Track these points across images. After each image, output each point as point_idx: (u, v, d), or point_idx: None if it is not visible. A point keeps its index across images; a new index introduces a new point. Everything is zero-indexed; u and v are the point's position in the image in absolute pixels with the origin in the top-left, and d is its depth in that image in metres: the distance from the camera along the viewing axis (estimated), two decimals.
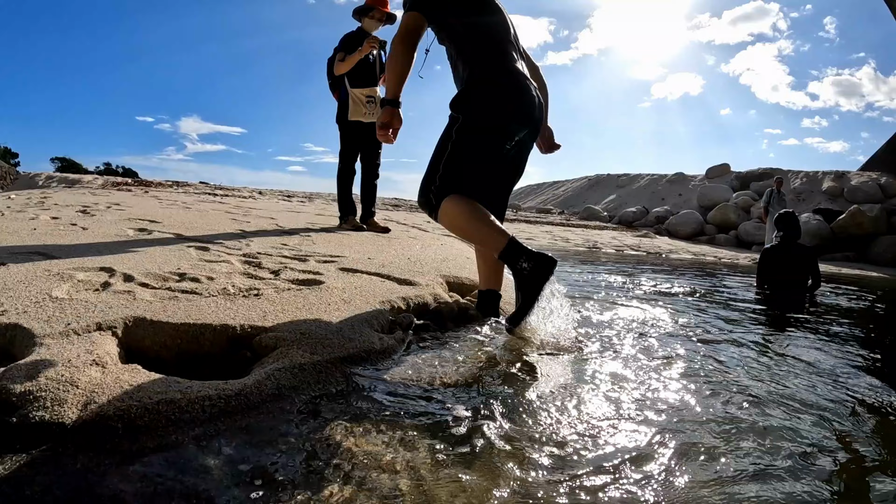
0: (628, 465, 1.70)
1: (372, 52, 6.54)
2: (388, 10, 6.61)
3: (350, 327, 2.58)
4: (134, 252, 3.71)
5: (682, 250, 15.24)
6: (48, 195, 10.35)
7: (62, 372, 1.80)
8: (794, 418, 2.18)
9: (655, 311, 4.21)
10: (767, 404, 2.31)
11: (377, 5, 6.57)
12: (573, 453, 1.75)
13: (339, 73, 6.51)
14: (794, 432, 2.04)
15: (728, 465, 1.74)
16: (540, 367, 2.57)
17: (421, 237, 6.32)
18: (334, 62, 6.58)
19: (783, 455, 1.84)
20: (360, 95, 6.50)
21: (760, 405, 2.29)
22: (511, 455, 1.71)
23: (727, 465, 1.74)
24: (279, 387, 1.99)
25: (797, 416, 2.21)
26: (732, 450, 1.85)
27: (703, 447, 1.84)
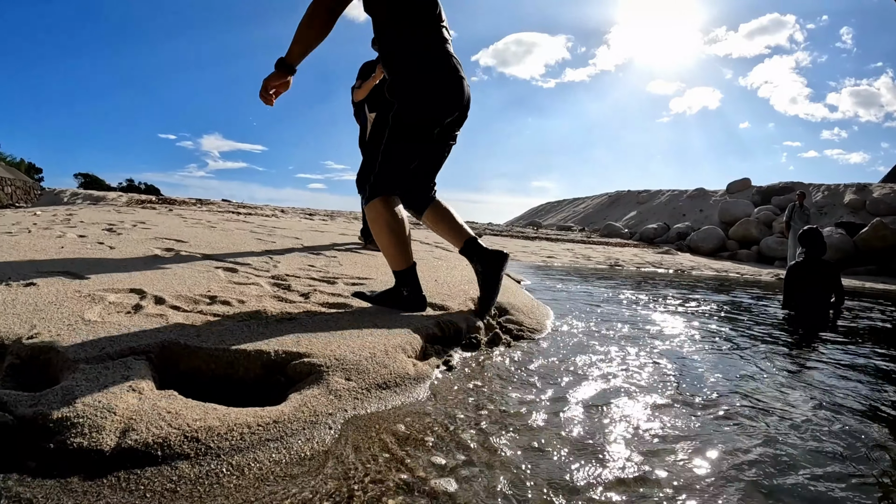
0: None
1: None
2: None
3: (384, 353, 2.57)
4: (163, 273, 3.73)
5: (703, 267, 15.14)
6: (73, 212, 10.46)
7: (99, 398, 1.80)
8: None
9: (680, 329, 4.16)
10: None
11: None
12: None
13: (357, 100, 6.67)
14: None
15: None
16: (574, 395, 2.55)
17: (446, 258, 6.32)
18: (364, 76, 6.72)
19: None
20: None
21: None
22: None
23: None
24: (316, 413, 1.98)
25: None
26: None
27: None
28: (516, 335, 3.66)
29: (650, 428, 2.18)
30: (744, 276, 13.07)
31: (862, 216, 24.00)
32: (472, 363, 2.95)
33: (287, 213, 21.13)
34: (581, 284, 7.66)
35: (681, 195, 35.15)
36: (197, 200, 23.01)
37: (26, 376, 2.11)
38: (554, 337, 3.75)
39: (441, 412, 2.19)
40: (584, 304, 5.41)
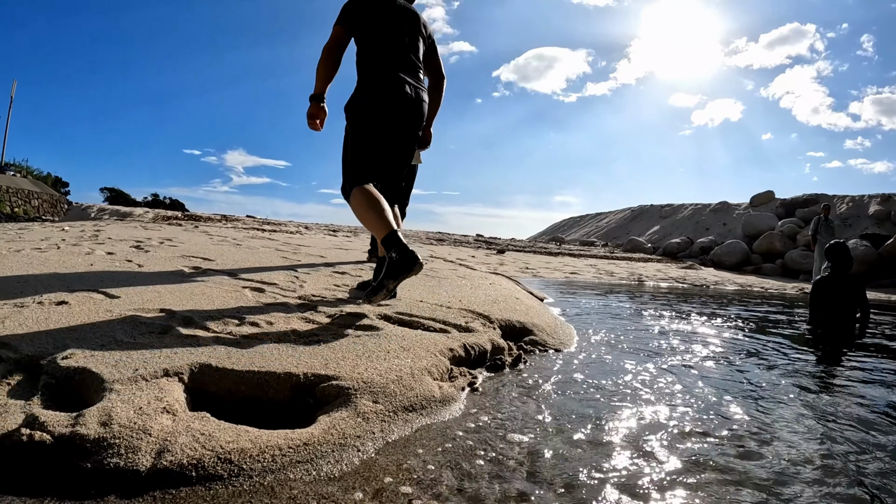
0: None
1: None
2: None
3: (410, 376, 2.60)
4: (191, 293, 3.78)
5: (727, 282, 15.03)
6: (101, 228, 10.58)
7: (135, 419, 1.85)
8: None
9: (703, 348, 4.11)
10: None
11: None
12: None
13: None
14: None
15: None
16: (583, 420, 2.57)
17: (469, 276, 6.34)
18: None
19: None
20: None
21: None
22: None
23: None
24: (345, 436, 2.02)
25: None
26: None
27: None
28: (540, 355, 3.69)
29: (684, 460, 2.20)
30: (768, 291, 12.97)
31: (887, 227, 23.76)
32: (497, 385, 2.99)
33: (311, 229, 21.21)
34: (604, 301, 7.64)
35: (704, 209, 34.93)
36: (222, 216, 23.18)
37: (61, 396, 2.16)
38: (576, 357, 3.76)
39: (464, 439, 2.22)
40: (607, 322, 5.41)
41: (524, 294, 5.88)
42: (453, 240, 24.94)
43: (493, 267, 11.69)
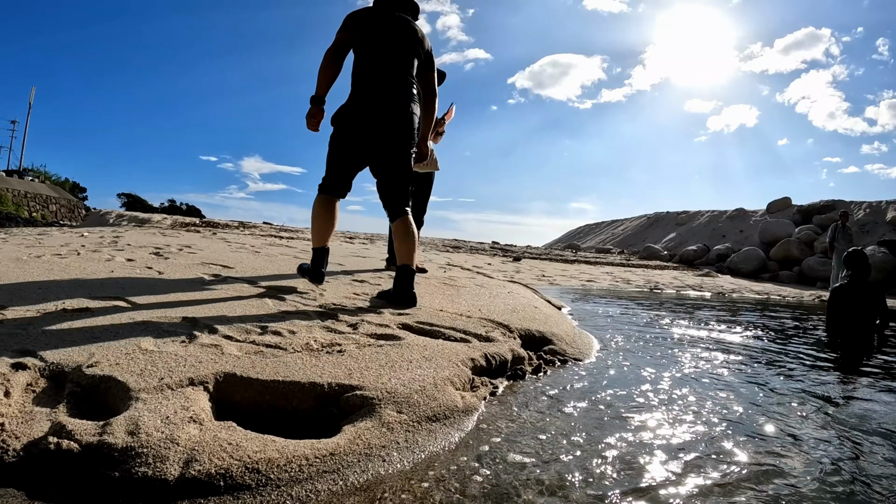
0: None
1: None
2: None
3: (433, 386, 2.60)
4: (213, 301, 3.80)
5: (744, 290, 14.96)
6: (120, 234, 10.64)
7: (162, 428, 1.86)
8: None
9: (723, 357, 4.07)
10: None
11: None
12: None
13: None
14: None
15: None
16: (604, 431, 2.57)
17: (487, 284, 6.33)
18: None
19: None
20: None
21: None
22: None
23: None
24: (370, 446, 2.03)
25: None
26: None
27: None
28: (559, 365, 3.69)
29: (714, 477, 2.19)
30: (786, 299, 12.92)
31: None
32: (518, 395, 3.00)
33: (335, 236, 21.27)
34: (621, 309, 7.63)
35: (720, 216, 34.73)
36: (239, 223, 23.25)
37: (87, 404, 2.18)
38: (597, 367, 3.77)
39: (487, 449, 2.23)
40: (625, 331, 5.40)
41: (542, 302, 5.87)
42: (469, 247, 24.93)
43: (509, 275, 11.69)
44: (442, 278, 6.41)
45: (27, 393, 2.19)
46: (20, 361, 2.35)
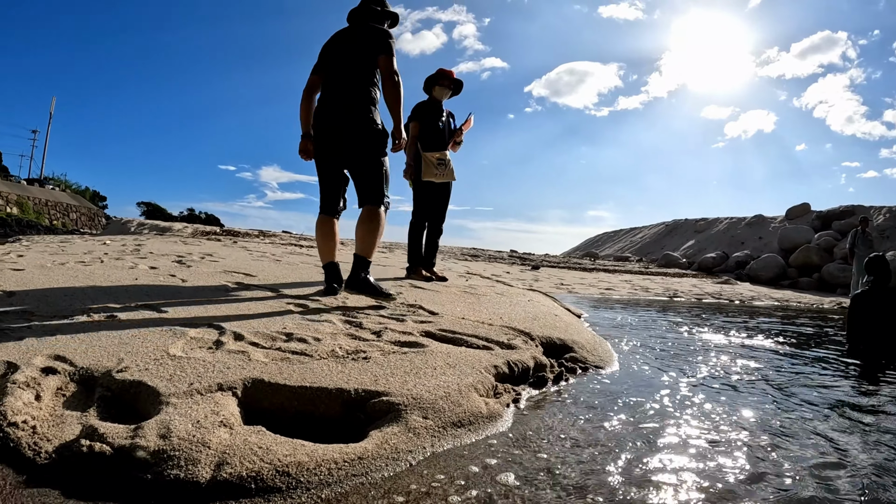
0: None
1: (442, 119, 7.09)
2: (454, 76, 6.97)
3: (458, 392, 2.63)
4: (237, 308, 3.86)
5: (763, 297, 14.86)
6: (142, 242, 10.74)
7: (193, 432, 1.90)
8: None
9: (743, 364, 4.04)
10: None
11: (446, 74, 7.07)
12: None
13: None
14: None
15: None
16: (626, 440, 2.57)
17: (507, 293, 6.34)
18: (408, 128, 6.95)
19: None
20: (432, 158, 6.87)
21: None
22: None
23: None
24: (397, 451, 2.06)
25: None
26: None
27: None
28: (581, 372, 3.71)
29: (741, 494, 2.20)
30: (805, 306, 12.82)
31: None
32: (541, 402, 3.02)
33: (346, 245, 21.28)
34: (641, 317, 7.61)
35: (739, 222, 34.48)
36: (259, 232, 23.37)
37: (117, 408, 2.21)
38: (618, 375, 3.77)
39: (511, 457, 2.25)
40: (645, 339, 5.39)
41: (562, 310, 5.88)
42: (488, 256, 24.90)
43: (528, 283, 11.68)
44: (463, 287, 6.43)
45: (57, 397, 2.24)
46: (50, 366, 2.40)
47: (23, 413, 1.97)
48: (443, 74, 7.01)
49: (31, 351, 2.56)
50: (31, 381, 2.21)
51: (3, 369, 2.36)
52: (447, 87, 7.07)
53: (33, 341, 2.71)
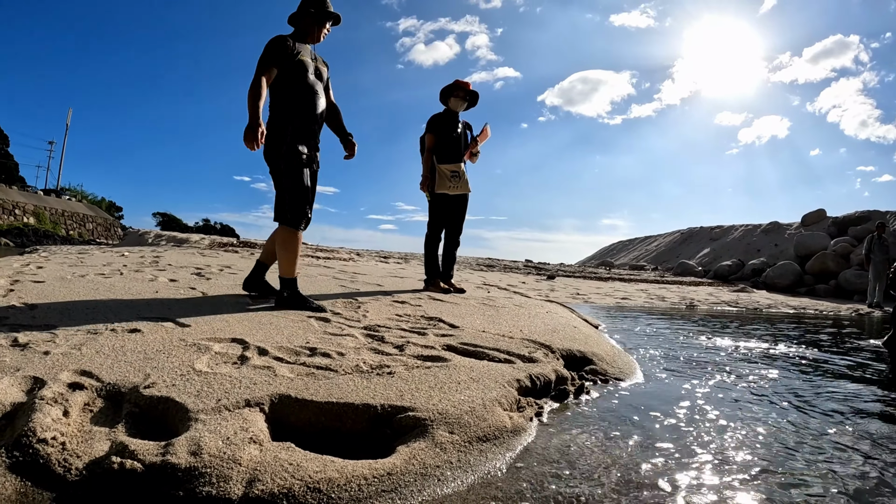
0: None
1: (457, 130, 7.07)
2: (469, 87, 6.97)
3: (482, 406, 2.63)
4: (259, 322, 3.88)
5: (781, 304, 14.76)
6: (160, 254, 10.80)
7: (224, 449, 1.91)
8: None
9: (765, 374, 4.01)
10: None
11: (462, 85, 7.04)
12: None
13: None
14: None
15: None
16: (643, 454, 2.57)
17: (526, 304, 6.32)
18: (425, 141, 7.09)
19: None
20: (446, 170, 6.90)
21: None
22: None
23: None
24: (425, 466, 2.07)
25: None
26: None
27: None
28: (601, 384, 3.71)
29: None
30: (823, 313, 12.74)
31: None
32: (564, 415, 3.02)
33: (363, 256, 21.36)
34: (658, 326, 7.59)
35: (755, 230, 34.27)
36: None
37: (145, 424, 2.23)
38: (638, 386, 3.77)
39: (537, 471, 2.25)
40: (663, 349, 5.37)
41: (580, 322, 5.87)
42: (503, 266, 24.90)
43: (544, 293, 11.68)
44: (481, 299, 6.43)
45: (85, 412, 2.26)
46: (77, 381, 2.42)
47: (52, 429, 1.99)
48: (458, 85, 7.00)
49: (57, 366, 2.58)
50: (58, 397, 2.24)
51: (30, 384, 2.39)
52: (462, 98, 7.05)
53: (58, 356, 2.74)
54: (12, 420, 2.12)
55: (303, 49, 4.87)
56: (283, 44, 4.72)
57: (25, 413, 2.10)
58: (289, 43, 4.75)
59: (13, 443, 1.90)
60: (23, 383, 2.38)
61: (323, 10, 4.91)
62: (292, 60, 4.75)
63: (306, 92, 4.80)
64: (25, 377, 2.43)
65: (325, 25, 4.99)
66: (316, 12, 4.90)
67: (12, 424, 2.08)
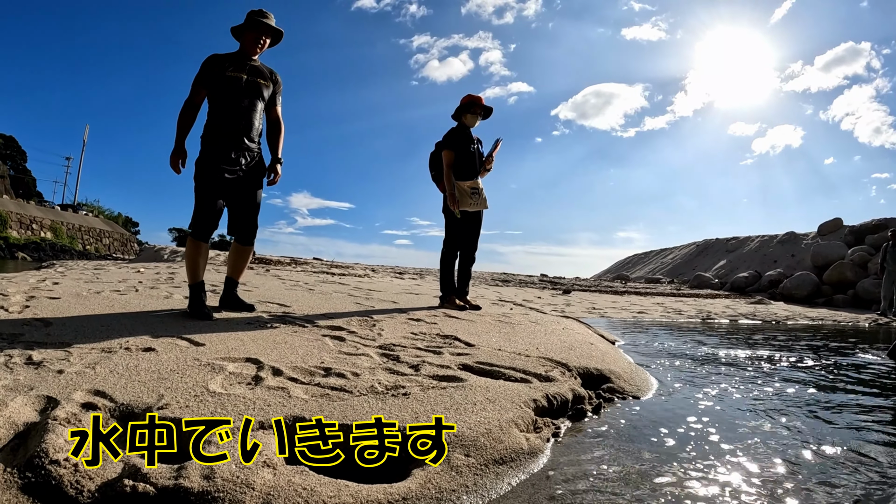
0: None
1: (473, 146, 7.03)
2: (483, 102, 6.95)
3: (499, 428, 2.60)
4: (274, 341, 3.86)
5: (799, 316, 14.64)
6: (175, 271, 10.82)
7: (237, 473, 1.89)
8: None
9: (783, 389, 3.94)
10: None
11: (478, 101, 7.01)
12: None
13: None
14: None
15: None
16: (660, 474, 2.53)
17: (542, 321, 6.27)
18: (440, 158, 7.04)
19: None
20: (466, 187, 6.84)
21: None
22: None
23: None
24: (440, 490, 2.04)
25: None
26: None
27: None
28: (619, 403, 3.68)
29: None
30: (841, 325, 12.63)
31: None
32: (581, 436, 2.99)
33: (377, 272, 21.35)
34: (675, 341, 7.53)
35: (771, 240, 34.03)
36: (291, 260, 23.44)
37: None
38: (655, 404, 3.73)
39: (554, 494, 2.22)
40: (681, 365, 5.32)
41: (597, 338, 5.83)
42: (518, 280, 24.83)
43: (559, 308, 11.63)
44: (496, 315, 6.39)
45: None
46: (90, 401, 2.41)
47: (64, 450, 1.97)
48: (475, 102, 6.96)
49: (71, 385, 2.58)
50: (71, 418, 2.22)
51: (43, 404, 2.38)
52: (479, 114, 7.03)
53: (72, 375, 2.74)
54: (25, 440, 2.11)
55: (237, 65, 4.88)
56: (209, 64, 4.82)
57: (38, 433, 2.09)
58: (218, 61, 4.82)
59: (25, 463, 1.89)
60: (36, 402, 2.38)
61: (251, 22, 4.93)
62: (221, 78, 4.78)
63: (231, 109, 4.82)
64: (39, 396, 2.43)
65: (259, 38, 4.97)
66: (248, 26, 4.93)
67: (25, 444, 2.07)
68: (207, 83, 4.80)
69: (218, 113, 4.82)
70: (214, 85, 4.79)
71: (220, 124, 4.81)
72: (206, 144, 4.81)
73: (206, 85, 4.80)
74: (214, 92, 4.82)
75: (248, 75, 4.91)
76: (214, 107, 4.85)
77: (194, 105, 4.83)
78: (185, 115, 4.79)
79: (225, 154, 4.82)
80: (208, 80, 4.79)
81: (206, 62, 4.81)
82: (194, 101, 4.82)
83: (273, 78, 5.12)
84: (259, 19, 4.91)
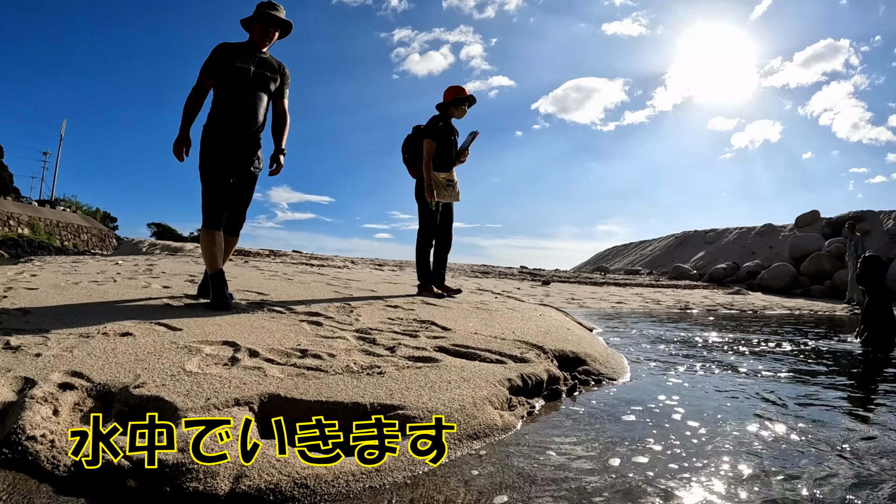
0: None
1: (452, 137, 7.07)
2: (467, 94, 6.98)
3: (473, 405, 2.64)
4: (251, 326, 3.88)
5: (776, 306, 14.76)
6: (154, 263, 10.80)
7: (211, 446, 1.92)
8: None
9: (755, 370, 4.00)
10: None
11: (464, 92, 7.02)
12: None
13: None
14: None
15: None
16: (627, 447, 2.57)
17: (519, 308, 6.30)
18: (417, 143, 7.06)
19: None
20: (441, 179, 6.84)
21: None
22: None
23: None
24: (413, 462, 2.07)
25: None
26: None
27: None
28: (594, 385, 3.72)
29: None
30: (817, 314, 12.77)
31: None
32: (554, 413, 3.03)
33: (357, 263, 21.33)
34: (652, 329, 7.60)
35: (749, 232, 34.24)
36: (270, 252, 23.38)
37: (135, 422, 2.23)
38: (630, 386, 3.78)
39: (519, 466, 2.26)
40: (657, 350, 5.39)
41: (574, 324, 5.87)
42: (498, 272, 24.84)
43: (539, 298, 11.67)
44: (474, 302, 6.42)
45: (75, 412, 2.27)
46: (68, 381, 2.43)
47: (41, 427, 2.00)
48: (464, 97, 6.96)
49: (49, 367, 2.59)
50: (48, 396, 2.24)
51: (20, 385, 2.40)
52: (467, 106, 7.05)
53: (50, 358, 2.75)
54: (3, 418, 2.13)
55: (246, 55, 4.87)
56: (218, 53, 4.80)
57: (16, 411, 2.11)
58: (228, 50, 4.81)
59: (3, 440, 1.92)
60: (13, 383, 2.39)
61: (261, 15, 4.91)
62: (229, 68, 4.77)
63: (238, 100, 4.82)
64: (16, 377, 2.44)
65: (268, 31, 4.97)
66: (257, 18, 4.91)
67: (3, 422, 2.10)
68: (215, 72, 4.79)
69: (222, 103, 4.82)
70: (222, 75, 4.79)
71: (224, 115, 4.81)
72: (215, 135, 4.80)
73: (214, 74, 4.79)
74: (221, 82, 4.81)
75: (257, 67, 4.91)
76: (219, 97, 4.84)
77: (201, 93, 4.83)
78: (192, 102, 4.78)
79: (244, 144, 4.89)
80: (216, 69, 4.78)
81: (215, 50, 4.81)
82: (202, 89, 4.82)
83: (281, 70, 5.12)
84: (268, 11, 4.90)
